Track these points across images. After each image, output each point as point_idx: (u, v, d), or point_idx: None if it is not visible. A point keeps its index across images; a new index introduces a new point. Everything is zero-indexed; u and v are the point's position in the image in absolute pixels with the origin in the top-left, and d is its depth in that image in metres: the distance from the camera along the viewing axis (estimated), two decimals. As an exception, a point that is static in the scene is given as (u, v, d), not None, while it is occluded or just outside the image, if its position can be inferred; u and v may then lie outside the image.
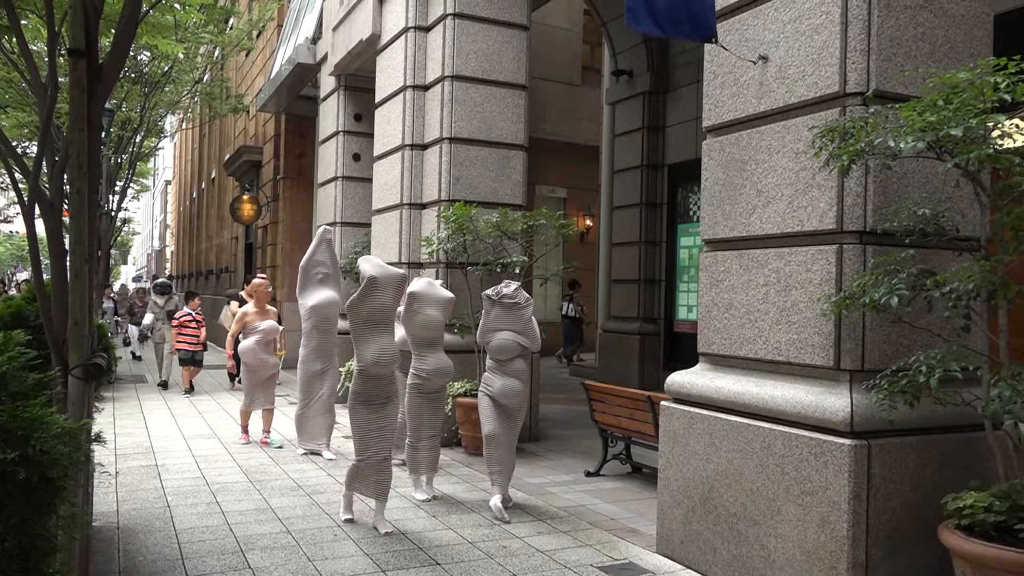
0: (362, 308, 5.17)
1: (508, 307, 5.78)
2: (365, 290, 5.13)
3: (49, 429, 2.32)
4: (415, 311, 5.91)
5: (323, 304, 7.77)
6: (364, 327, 5.18)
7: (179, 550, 4.85)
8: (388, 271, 5.32)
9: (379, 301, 5.19)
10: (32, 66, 3.90)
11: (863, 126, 3.60)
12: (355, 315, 5.16)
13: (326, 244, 7.95)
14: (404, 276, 5.39)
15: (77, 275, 3.45)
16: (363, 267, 5.27)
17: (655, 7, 4.24)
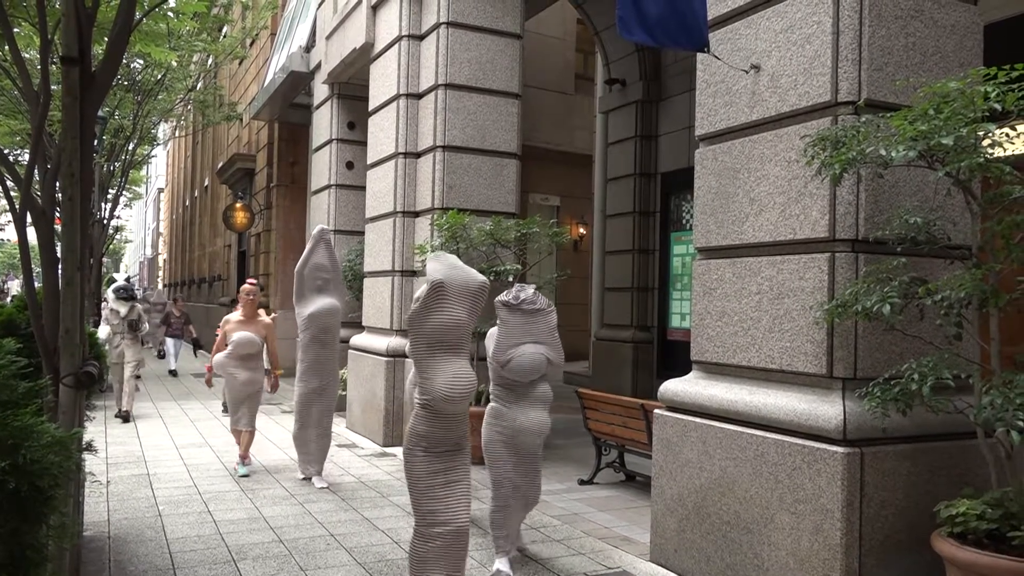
0: (426, 323, 3.92)
1: (529, 314, 4.79)
2: (430, 298, 3.95)
3: (40, 438, 2.31)
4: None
5: (322, 313, 7.00)
6: (429, 347, 3.95)
7: (171, 560, 4.82)
8: (462, 274, 4.08)
9: (449, 314, 3.96)
10: (24, 74, 3.89)
11: (855, 135, 3.62)
12: (417, 331, 3.99)
13: (324, 245, 7.19)
14: (484, 284, 4.10)
15: (69, 283, 3.44)
16: (431, 268, 4.10)
17: (647, 17, 4.25)
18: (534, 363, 4.72)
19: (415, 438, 3.98)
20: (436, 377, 3.92)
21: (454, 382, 3.91)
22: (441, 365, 3.95)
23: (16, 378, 2.50)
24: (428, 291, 3.90)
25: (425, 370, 3.95)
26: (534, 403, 4.82)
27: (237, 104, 20.43)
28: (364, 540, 5.30)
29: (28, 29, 7.17)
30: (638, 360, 11.52)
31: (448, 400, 3.88)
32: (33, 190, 3.92)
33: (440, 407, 3.92)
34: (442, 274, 3.99)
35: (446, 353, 3.95)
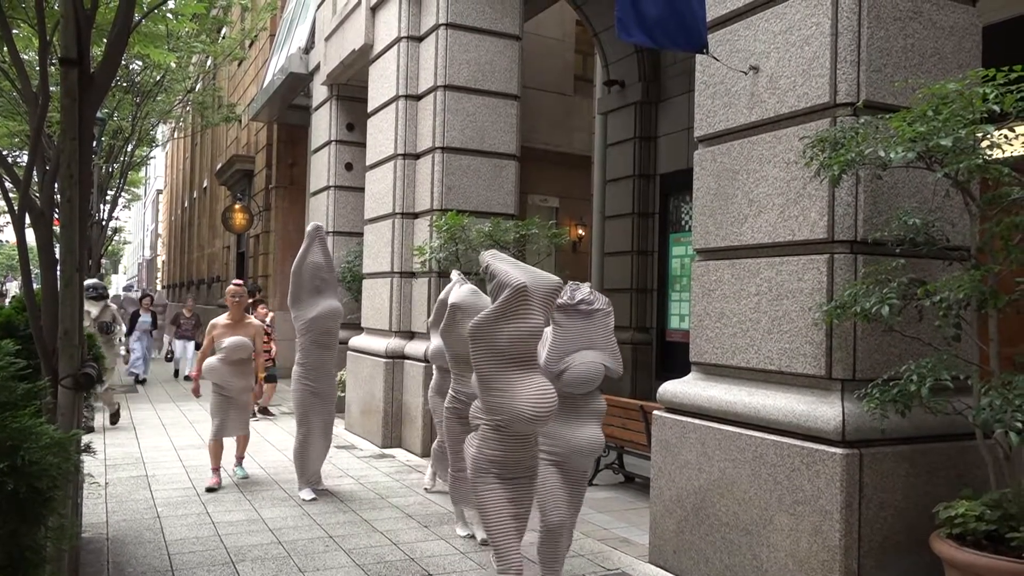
0: (501, 333, 3.43)
1: (586, 316, 4.14)
2: (509, 305, 3.39)
3: (38, 440, 2.31)
4: (458, 323, 4.99)
5: (324, 316, 6.65)
6: (503, 361, 3.47)
7: (169, 561, 4.82)
8: (539, 276, 3.65)
9: (530, 323, 3.48)
10: (23, 75, 3.89)
11: (853, 136, 3.63)
12: (489, 343, 3.46)
13: (319, 243, 6.80)
14: (560, 285, 3.75)
15: (67, 284, 3.44)
16: (502, 269, 3.55)
17: (646, 18, 4.25)
18: (593, 373, 4.07)
19: (486, 464, 3.57)
20: (515, 394, 3.44)
21: (538, 400, 3.44)
22: (519, 380, 3.47)
23: (15, 379, 2.49)
24: (509, 297, 3.42)
25: (497, 387, 3.47)
26: (589, 418, 4.18)
27: (236, 105, 20.43)
28: (363, 541, 5.29)
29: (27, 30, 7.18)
30: (637, 361, 11.51)
31: (533, 421, 3.44)
32: (32, 191, 3.92)
33: (519, 429, 3.51)
34: (525, 275, 3.52)
35: (522, 367, 3.49)
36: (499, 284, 3.49)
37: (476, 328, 3.48)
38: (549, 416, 3.51)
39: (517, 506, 3.65)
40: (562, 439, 4.12)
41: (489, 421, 3.55)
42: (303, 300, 6.66)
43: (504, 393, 3.46)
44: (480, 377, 3.54)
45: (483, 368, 3.51)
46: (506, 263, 3.61)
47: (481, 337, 3.49)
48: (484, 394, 3.53)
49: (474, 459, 3.62)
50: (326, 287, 6.78)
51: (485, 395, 3.53)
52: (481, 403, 3.57)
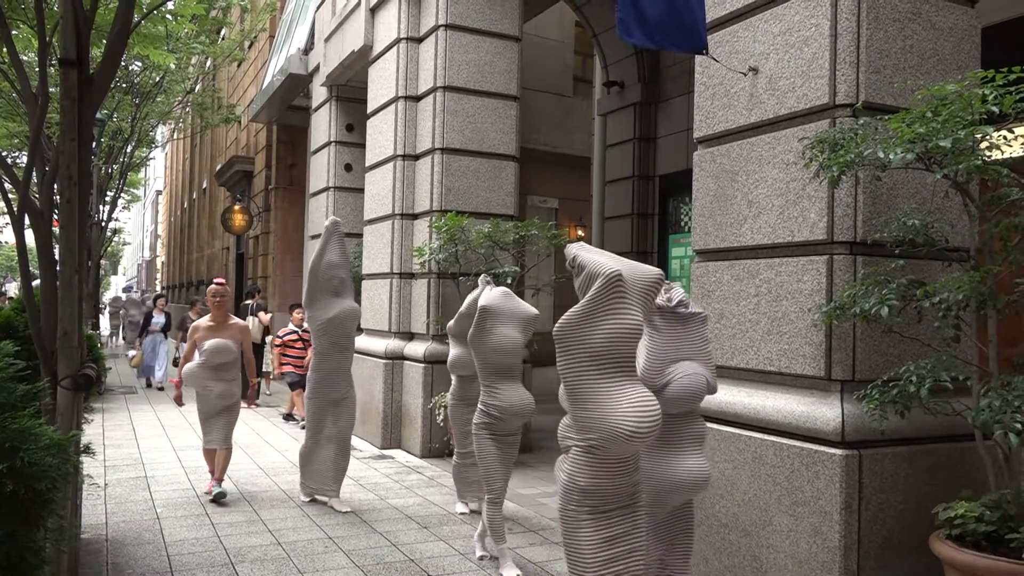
0: (594, 333, 2.96)
1: (684, 320, 3.54)
2: (602, 299, 2.93)
3: (37, 441, 2.30)
4: (487, 330, 4.68)
5: (343, 317, 6.28)
6: (596, 367, 2.97)
7: (168, 563, 4.82)
8: (638, 268, 3.24)
9: (627, 320, 2.98)
10: (23, 76, 3.89)
11: (852, 137, 3.63)
12: (578, 346, 2.97)
13: (337, 239, 6.44)
14: (660, 276, 3.30)
15: (67, 285, 3.44)
16: (591, 258, 3.08)
17: (646, 19, 4.26)
18: (699, 387, 3.47)
19: (578, 495, 3.00)
20: (612, 407, 2.88)
21: (640, 414, 2.86)
22: (616, 390, 2.91)
23: (14, 381, 2.49)
24: (601, 289, 2.92)
25: (590, 399, 2.93)
26: (690, 445, 3.52)
27: (235, 106, 20.43)
28: (362, 543, 5.29)
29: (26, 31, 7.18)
30: (636, 362, 11.51)
31: (632, 439, 2.86)
32: (31, 192, 3.92)
33: (617, 450, 2.92)
34: (620, 265, 3.01)
35: (619, 374, 2.93)
36: (588, 277, 2.98)
37: (562, 329, 2.96)
38: (652, 433, 2.91)
39: (617, 546, 3.01)
40: (661, 472, 3.40)
41: (580, 441, 2.97)
42: (319, 300, 6.29)
43: (598, 407, 2.89)
44: (568, 388, 2.98)
45: (572, 377, 2.95)
46: (596, 252, 3.12)
47: (568, 339, 2.94)
48: (574, 408, 2.99)
49: (565, 488, 3.04)
50: (344, 287, 6.40)
51: (575, 410, 2.98)
52: (571, 420, 3.03)
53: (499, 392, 4.78)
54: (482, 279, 5.32)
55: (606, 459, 2.96)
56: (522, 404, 4.83)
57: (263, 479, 7.17)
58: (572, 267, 3.14)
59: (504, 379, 4.80)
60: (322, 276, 6.29)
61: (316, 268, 6.32)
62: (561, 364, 3.00)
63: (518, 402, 4.80)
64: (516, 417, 4.84)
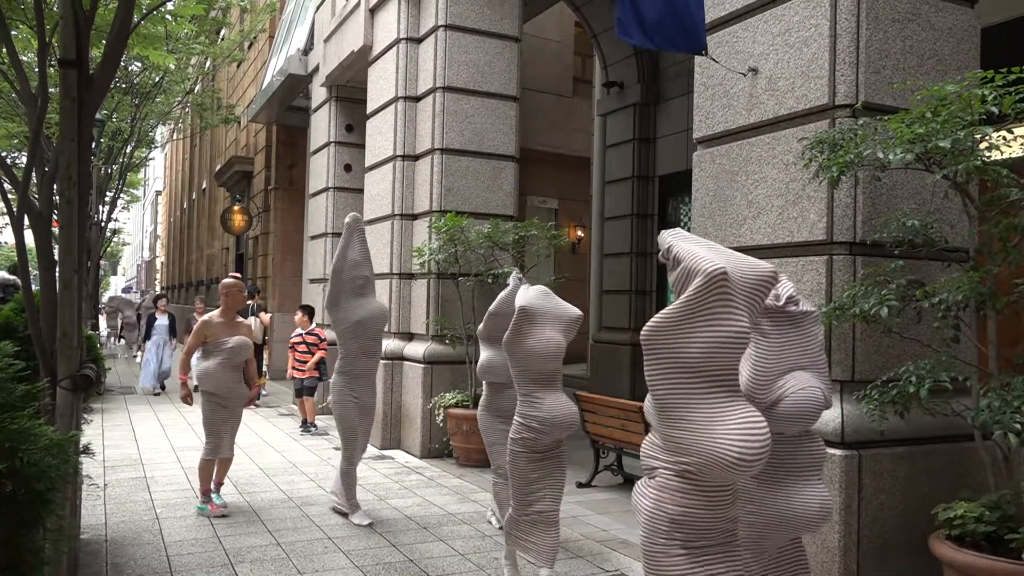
0: (692, 340, 2.52)
1: (796, 321, 3.03)
2: (702, 299, 2.51)
3: (37, 441, 2.30)
4: (526, 333, 4.25)
5: (372, 319, 5.89)
6: (697, 380, 2.54)
7: (168, 563, 4.81)
8: (746, 262, 2.76)
9: (732, 324, 2.54)
10: (22, 76, 3.89)
11: (852, 137, 3.63)
12: (672, 355, 2.56)
13: (359, 237, 5.99)
14: (772, 273, 2.75)
15: (66, 286, 3.44)
16: (689, 250, 2.63)
17: (646, 20, 4.26)
18: (816, 403, 2.93)
19: (667, 526, 2.59)
20: (713, 428, 2.48)
21: (748, 437, 2.45)
22: (718, 408, 2.50)
23: (13, 381, 2.49)
24: (702, 288, 2.48)
25: (685, 417, 2.52)
26: (809, 470, 3.02)
27: (235, 107, 20.44)
28: (362, 543, 5.29)
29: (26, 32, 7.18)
30: (636, 363, 11.50)
31: (738, 465, 2.44)
32: (31, 193, 3.92)
33: (717, 477, 2.52)
34: (723, 260, 2.56)
35: (721, 389, 2.52)
36: (686, 272, 2.55)
37: (653, 334, 2.54)
38: (761, 460, 2.46)
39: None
40: (770, 506, 2.94)
41: (672, 465, 2.58)
42: (343, 302, 5.86)
43: (695, 426, 2.49)
44: (658, 403, 2.60)
45: (663, 391, 2.56)
46: (696, 243, 2.69)
47: (660, 347, 2.53)
48: (665, 426, 2.58)
49: (650, 518, 2.63)
50: (369, 286, 5.98)
51: (666, 428, 2.57)
52: (660, 439, 2.64)
53: (539, 402, 4.30)
54: (514, 275, 5.07)
55: (702, 486, 2.55)
56: (565, 415, 4.32)
57: (263, 480, 7.16)
58: (666, 259, 2.73)
59: (545, 387, 4.32)
60: (346, 276, 5.85)
61: (340, 268, 5.84)
62: (651, 374, 2.60)
63: (561, 412, 4.30)
64: (559, 429, 4.31)
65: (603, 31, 11.97)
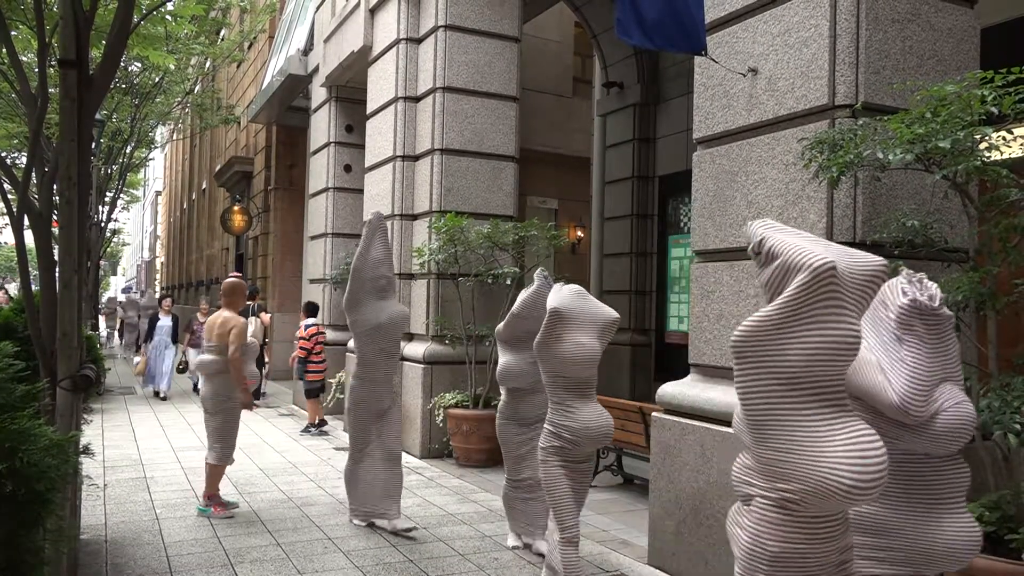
0: (790, 347, 2.23)
1: (944, 324, 2.60)
2: (804, 298, 2.21)
3: (37, 441, 2.30)
4: (559, 337, 4.04)
5: (392, 322, 5.68)
6: (794, 394, 2.24)
7: (168, 563, 4.82)
8: (854, 256, 2.43)
9: (842, 328, 2.24)
10: (22, 77, 3.89)
11: (852, 138, 3.63)
12: (768, 364, 2.26)
13: (381, 235, 5.75)
14: (884, 267, 2.42)
15: (66, 286, 3.44)
16: (786, 242, 2.34)
17: (645, 20, 4.26)
18: (971, 419, 2.58)
19: (768, 565, 2.29)
20: (820, 449, 2.16)
21: (863, 460, 2.13)
22: (826, 426, 2.19)
23: (13, 381, 2.49)
24: (806, 286, 2.18)
25: (785, 436, 2.21)
26: (952, 498, 2.63)
27: (235, 107, 20.44)
28: (361, 543, 5.29)
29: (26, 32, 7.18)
30: (636, 363, 11.51)
31: (853, 493, 2.12)
32: (31, 193, 3.92)
33: (826, 506, 2.23)
34: (829, 253, 2.25)
35: (828, 403, 2.21)
36: (783, 268, 2.26)
37: (746, 340, 2.25)
38: (878, 488, 2.13)
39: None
40: (917, 537, 2.57)
41: (770, 492, 2.27)
42: (363, 302, 5.62)
43: (798, 447, 2.18)
44: (752, 419, 2.28)
45: (758, 405, 2.25)
46: (792, 234, 2.39)
47: (755, 354, 2.23)
48: (761, 446, 2.27)
49: (748, 555, 2.33)
50: (390, 287, 5.78)
51: (763, 448, 2.26)
52: (754, 460, 2.33)
53: (573, 411, 4.09)
54: (538, 273, 4.88)
55: (806, 517, 2.23)
56: (600, 425, 4.12)
57: (263, 480, 7.16)
58: (756, 253, 2.42)
59: (579, 395, 4.13)
60: (367, 275, 5.61)
61: (361, 267, 5.61)
62: (743, 386, 2.29)
63: (595, 422, 4.10)
64: (593, 441, 4.13)
65: (603, 31, 11.97)
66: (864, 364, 2.55)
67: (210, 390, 6.09)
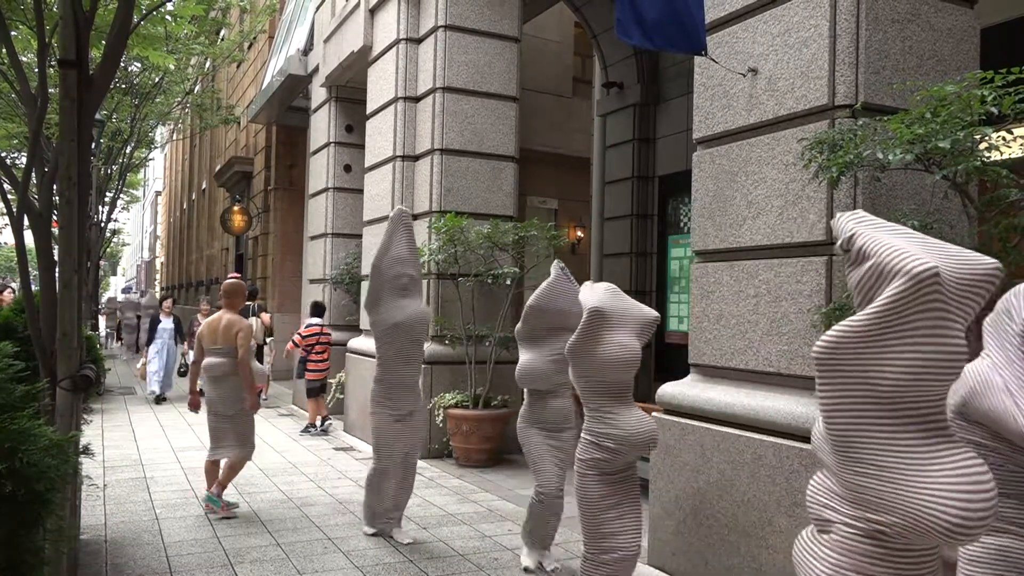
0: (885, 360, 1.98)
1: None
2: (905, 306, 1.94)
3: (37, 441, 2.30)
4: (599, 338, 3.79)
5: (412, 322, 5.38)
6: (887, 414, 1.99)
7: (167, 563, 4.81)
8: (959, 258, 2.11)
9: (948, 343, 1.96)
10: (22, 77, 3.89)
11: (852, 138, 3.63)
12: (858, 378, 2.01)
13: (404, 231, 5.46)
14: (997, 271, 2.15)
15: (66, 286, 3.44)
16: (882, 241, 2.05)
17: (645, 20, 4.26)
18: None
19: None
20: (922, 479, 1.92)
21: (972, 492, 1.88)
22: (926, 452, 1.94)
23: (13, 381, 2.49)
24: (904, 294, 1.92)
25: (879, 461, 1.97)
26: None
27: (235, 107, 20.44)
28: (361, 543, 5.29)
29: (25, 32, 7.18)
30: (636, 363, 11.51)
31: (958, 530, 1.87)
32: (30, 193, 3.92)
33: (924, 540, 1.98)
34: (931, 257, 1.98)
35: (929, 427, 1.96)
36: (878, 270, 2.01)
37: (833, 351, 2.01)
38: (987, 523, 1.90)
39: None
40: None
41: (857, 522, 2.03)
42: (384, 301, 5.36)
43: (895, 475, 1.94)
44: (837, 439, 2.04)
45: (845, 424, 2.01)
46: (888, 230, 2.12)
47: (842, 367, 2.00)
48: (848, 471, 2.03)
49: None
50: (413, 285, 5.48)
51: (850, 473, 2.02)
52: (838, 484, 2.09)
53: (614, 417, 3.81)
54: (555, 265, 4.66)
55: (900, 550, 1.99)
56: (644, 431, 3.82)
57: (263, 480, 7.16)
58: (846, 250, 2.17)
59: (619, 400, 3.84)
60: (387, 273, 5.34)
61: (380, 264, 5.34)
62: (827, 402, 2.05)
63: (639, 429, 3.81)
64: (637, 449, 3.84)
65: (603, 31, 11.97)
66: (989, 385, 2.27)
67: (220, 392, 6.07)
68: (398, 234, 5.40)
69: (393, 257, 5.35)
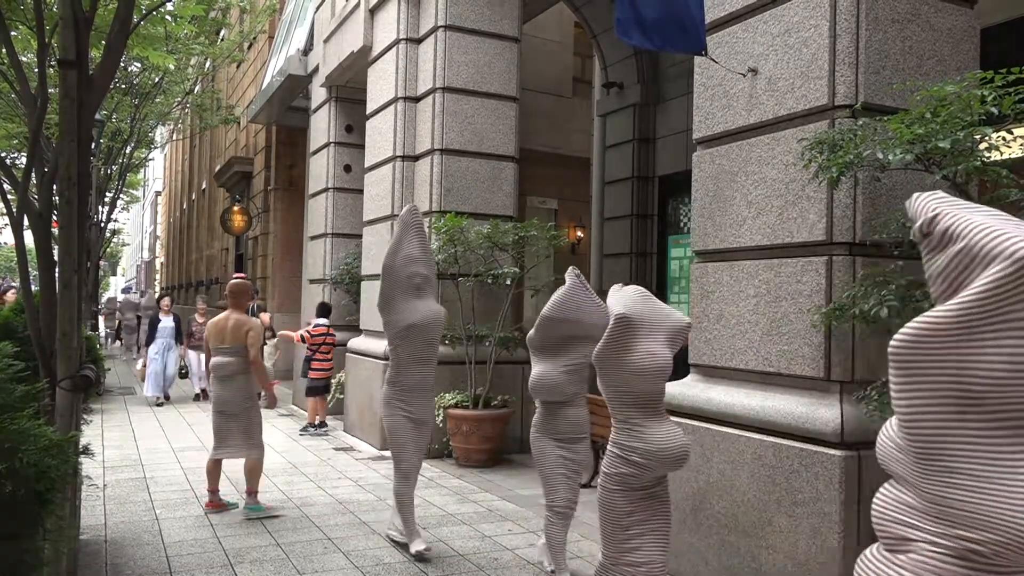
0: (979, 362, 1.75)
1: None
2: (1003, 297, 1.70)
3: (37, 442, 2.30)
4: (627, 347, 3.56)
5: (426, 323, 5.22)
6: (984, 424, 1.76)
7: (167, 563, 4.81)
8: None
9: None
10: (22, 77, 3.89)
11: (852, 138, 3.63)
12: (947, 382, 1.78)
13: (416, 231, 5.31)
14: None
15: (66, 286, 3.44)
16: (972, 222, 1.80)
17: (645, 20, 4.26)
18: None
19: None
20: (1017, 491, 1.71)
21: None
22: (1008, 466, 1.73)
23: (13, 382, 2.49)
24: (1002, 282, 1.69)
25: (967, 471, 1.76)
26: None
27: (235, 107, 20.44)
28: (361, 544, 5.29)
29: (25, 32, 7.18)
30: (636, 363, 11.51)
31: None
32: (30, 193, 3.92)
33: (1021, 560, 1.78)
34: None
35: (1013, 435, 1.74)
36: (968, 254, 1.77)
37: (913, 346, 1.80)
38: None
39: None
40: None
41: (946, 540, 1.82)
42: (397, 301, 5.21)
43: (990, 486, 1.73)
44: (920, 446, 1.83)
45: (927, 428, 1.81)
46: (973, 210, 1.87)
47: (924, 363, 1.79)
48: (931, 482, 1.83)
49: None
50: (427, 285, 5.33)
51: (934, 485, 1.82)
52: (918, 497, 1.88)
53: (644, 430, 3.59)
54: (570, 272, 4.53)
55: (997, 573, 1.77)
56: (676, 446, 3.57)
57: (262, 480, 7.16)
58: (926, 232, 1.90)
59: (649, 412, 3.62)
60: (400, 273, 5.19)
61: (391, 264, 5.20)
62: (906, 404, 1.83)
63: (671, 443, 3.56)
64: (668, 464, 3.59)
65: (603, 31, 11.97)
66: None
67: (230, 392, 6.07)
68: (409, 233, 5.27)
69: (405, 256, 5.21)
